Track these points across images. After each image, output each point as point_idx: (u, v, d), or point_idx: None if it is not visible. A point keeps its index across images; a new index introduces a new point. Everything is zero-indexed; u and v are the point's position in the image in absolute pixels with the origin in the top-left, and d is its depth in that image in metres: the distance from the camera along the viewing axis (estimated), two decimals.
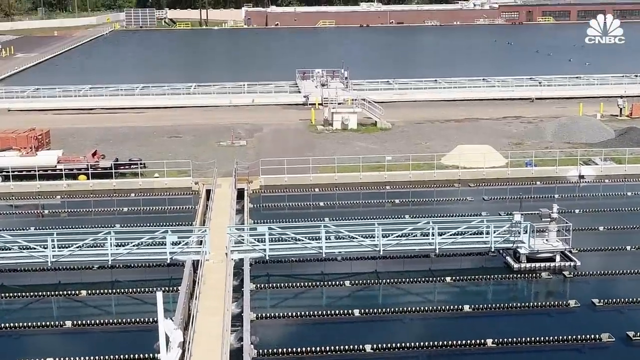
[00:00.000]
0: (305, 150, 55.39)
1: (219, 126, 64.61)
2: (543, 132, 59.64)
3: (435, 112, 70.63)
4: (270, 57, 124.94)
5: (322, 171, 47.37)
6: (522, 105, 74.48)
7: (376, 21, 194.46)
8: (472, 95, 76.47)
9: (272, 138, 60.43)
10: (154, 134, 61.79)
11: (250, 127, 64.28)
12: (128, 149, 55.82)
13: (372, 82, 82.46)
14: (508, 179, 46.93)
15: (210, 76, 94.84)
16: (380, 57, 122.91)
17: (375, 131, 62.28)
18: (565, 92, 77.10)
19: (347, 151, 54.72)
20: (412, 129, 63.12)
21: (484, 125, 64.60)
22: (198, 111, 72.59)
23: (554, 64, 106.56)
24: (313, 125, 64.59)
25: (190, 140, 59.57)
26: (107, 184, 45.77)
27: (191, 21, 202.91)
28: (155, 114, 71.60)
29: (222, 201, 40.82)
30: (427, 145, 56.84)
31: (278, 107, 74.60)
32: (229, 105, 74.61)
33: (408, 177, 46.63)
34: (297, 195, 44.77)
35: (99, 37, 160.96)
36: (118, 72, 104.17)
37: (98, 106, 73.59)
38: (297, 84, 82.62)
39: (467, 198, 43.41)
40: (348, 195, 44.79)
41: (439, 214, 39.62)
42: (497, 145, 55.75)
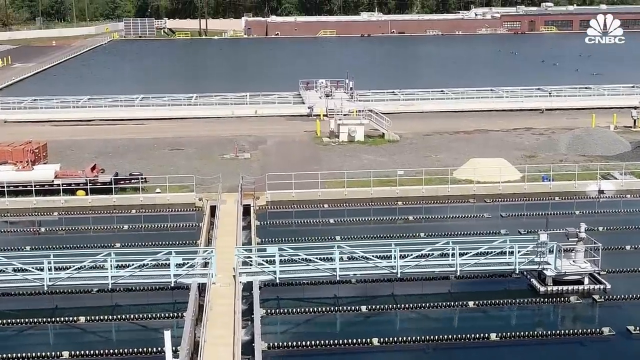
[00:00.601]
0: (312, 163, 53.55)
1: (221, 138, 62.73)
2: (557, 144, 57.78)
3: (444, 123, 68.79)
4: (272, 67, 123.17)
5: (331, 186, 45.46)
6: (532, 116, 72.65)
7: (377, 31, 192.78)
8: (480, 106, 74.66)
9: (277, 151, 58.56)
10: (154, 146, 59.91)
11: (254, 139, 62.41)
12: (128, 162, 53.94)
13: (378, 92, 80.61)
14: (525, 194, 45.00)
15: (211, 86, 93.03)
16: (382, 67, 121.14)
17: (383, 143, 60.42)
18: (576, 102, 75.29)
19: (355, 164, 52.90)
20: (420, 141, 61.27)
21: (495, 137, 62.76)
22: (200, 122, 70.73)
23: (561, 74, 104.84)
24: (318, 137, 62.73)
25: (193, 152, 57.68)
26: (107, 199, 43.80)
27: (190, 31, 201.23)
28: (155, 125, 69.71)
29: (228, 218, 38.89)
30: (437, 158, 54.99)
31: (282, 118, 72.78)
32: (231, 117, 72.75)
33: (421, 192, 44.72)
34: (306, 211, 42.83)
35: (97, 47, 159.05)
36: (117, 82, 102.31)
37: (97, 117, 71.72)
38: (301, 95, 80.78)
39: (483, 214, 41.44)
40: (359, 212, 42.86)
41: (455, 232, 37.77)
42: (509, 158, 53.92)
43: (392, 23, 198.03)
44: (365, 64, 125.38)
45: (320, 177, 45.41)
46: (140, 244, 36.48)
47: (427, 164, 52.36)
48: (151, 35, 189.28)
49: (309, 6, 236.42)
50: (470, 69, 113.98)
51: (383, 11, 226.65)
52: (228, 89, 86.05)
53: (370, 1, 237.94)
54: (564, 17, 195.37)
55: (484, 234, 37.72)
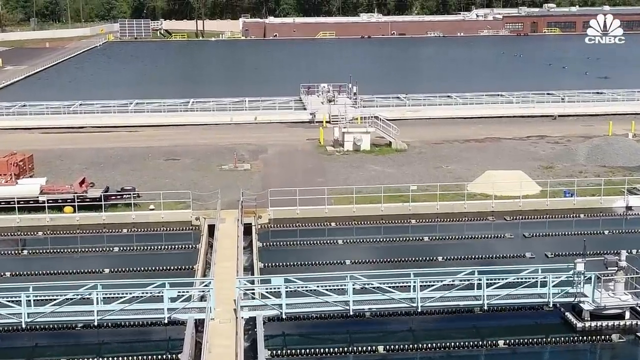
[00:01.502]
0: (316, 175, 50.36)
1: (219, 147, 59.49)
2: (575, 154, 54.60)
3: (453, 130, 65.61)
4: (271, 69, 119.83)
5: (338, 202, 42.20)
6: (544, 123, 69.48)
7: (377, 32, 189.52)
8: (490, 112, 71.49)
9: (279, 161, 55.31)
10: (149, 156, 56.62)
11: (254, 148, 59.16)
12: (120, 174, 50.69)
13: (382, 97, 77.31)
14: (547, 211, 41.77)
15: (208, 91, 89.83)
16: (384, 69, 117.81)
17: (390, 153, 57.21)
18: (590, 108, 72.10)
19: (362, 176, 49.71)
20: (429, 150, 58.05)
21: (507, 146, 59.57)
22: (197, 129, 67.47)
23: (570, 78, 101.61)
24: (322, 146, 59.51)
25: (189, 163, 54.40)
26: (96, 217, 40.47)
27: (187, 32, 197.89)
28: (150, 132, 66.44)
29: (227, 240, 35.66)
30: (448, 169, 51.79)
31: (283, 125, 69.53)
32: (229, 123, 69.48)
33: (435, 208, 41.48)
34: (312, 230, 39.57)
35: (92, 48, 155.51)
36: (111, 86, 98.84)
37: (89, 124, 68.41)
38: (302, 100, 77.49)
39: (504, 234, 38.13)
40: (369, 231, 39.60)
41: (476, 255, 34.67)
42: (525, 169, 50.76)
43: (393, 24, 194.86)
44: (367, 66, 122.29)
45: (327, 192, 42.17)
46: (131, 270, 33.35)
47: (439, 176, 49.32)
48: (147, 37, 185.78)
49: (308, 7, 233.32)
50: (474, 72, 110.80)
51: (382, 12, 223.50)
52: (226, 93, 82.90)
53: (369, 2, 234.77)
54: (566, 18, 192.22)
55: (507, 257, 34.76)
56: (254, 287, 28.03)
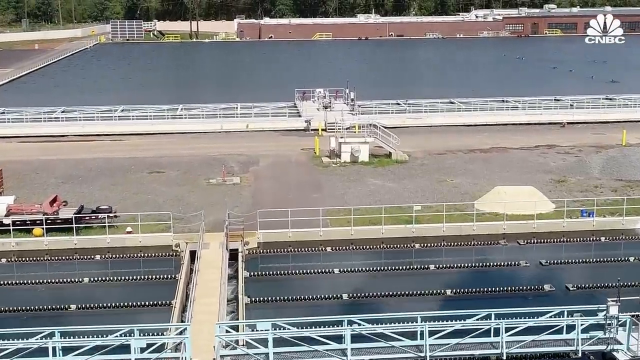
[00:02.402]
0: (311, 190, 46.66)
1: (208, 158, 55.73)
2: (588, 167, 50.93)
3: (456, 139, 61.90)
4: (265, 73, 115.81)
5: (335, 224, 38.39)
6: (552, 131, 65.80)
7: (375, 33, 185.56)
8: (494, 119, 67.76)
9: (271, 174, 51.53)
10: (132, 168, 52.83)
11: (245, 159, 55.39)
12: (99, 189, 46.94)
13: (381, 103, 73.52)
14: (564, 233, 38.02)
15: (199, 95, 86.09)
16: (382, 72, 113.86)
17: (390, 164, 53.47)
18: (600, 115, 68.34)
19: (361, 192, 46.00)
20: (432, 162, 54.33)
21: (515, 156, 55.86)
22: (185, 138, 63.67)
23: (576, 82, 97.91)
24: (317, 157, 55.76)
25: (174, 176, 50.62)
26: (67, 241, 36.59)
27: (181, 33, 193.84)
28: (135, 142, 62.61)
29: (210, 270, 31.93)
30: (453, 183, 48.09)
31: (276, 133, 65.74)
32: (219, 131, 65.67)
33: (441, 231, 37.71)
34: (305, 255, 35.80)
35: (81, 50, 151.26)
36: (98, 90, 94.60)
37: (71, 133, 64.56)
38: (297, 106, 73.66)
39: (519, 262, 34.31)
40: (368, 257, 35.88)
41: (487, 288, 30.87)
42: (536, 182, 47.31)
43: (390, 25, 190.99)
44: (364, 69, 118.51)
45: (322, 213, 38.38)
46: (101, 306, 29.58)
47: (443, 192, 45.71)
48: (139, 38, 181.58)
49: (304, 8, 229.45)
50: (476, 76, 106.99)
51: (380, 13, 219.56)
52: (217, 98, 79.21)
53: (366, 3, 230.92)
54: (568, 19, 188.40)
55: (524, 290, 31.00)
56: (236, 335, 24.21)
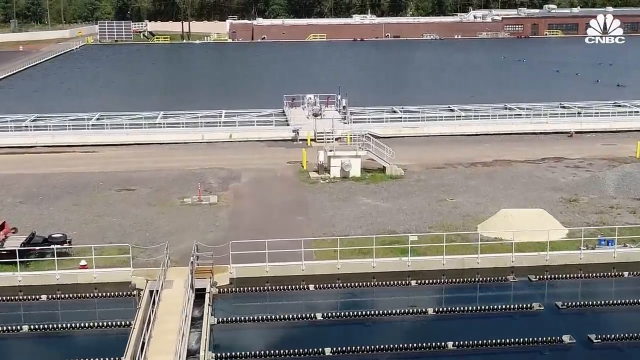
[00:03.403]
0: (295, 212, 42.02)
1: (185, 172, 51.00)
2: (602, 184, 46.34)
3: (456, 151, 57.23)
4: (255, 76, 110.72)
5: (320, 256, 33.63)
6: (559, 141, 61.17)
7: (371, 34, 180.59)
8: (496, 128, 63.05)
9: (252, 191, 46.76)
10: (100, 185, 48.02)
11: (226, 174, 50.63)
12: (60, 211, 42.22)
13: (375, 110, 68.71)
14: (581, 266, 33.32)
15: (184, 101, 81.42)
16: (378, 76, 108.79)
17: (384, 180, 48.75)
18: (610, 124, 63.66)
19: (350, 214, 41.32)
20: (430, 177, 49.60)
21: (520, 171, 51.14)
22: (163, 150, 58.88)
23: (582, 86, 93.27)
24: (305, 172, 50.99)
25: (146, 195, 45.84)
26: (10, 278, 31.78)
27: (173, 34, 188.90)
28: (108, 154, 57.81)
29: (170, 315, 27.19)
30: (454, 203, 43.42)
31: (261, 143, 60.97)
32: (201, 142, 60.87)
33: (440, 264, 32.97)
34: (285, 295, 31.11)
35: (67, 52, 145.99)
36: (78, 96, 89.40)
37: (40, 143, 59.72)
38: (285, 113, 68.85)
39: (532, 305, 29.53)
40: (357, 294, 31.23)
41: (495, 340, 26.14)
42: (545, 202, 42.94)
43: (387, 26, 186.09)
44: (359, 72, 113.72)
45: (308, 240, 33.71)
46: None
47: (443, 213, 41.10)
48: (128, 39, 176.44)
49: (298, 8, 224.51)
50: (475, 80, 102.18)
51: (376, 13, 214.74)
52: (202, 104, 74.56)
53: (362, 3, 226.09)
54: (568, 20, 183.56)
55: (540, 343, 26.31)
56: None
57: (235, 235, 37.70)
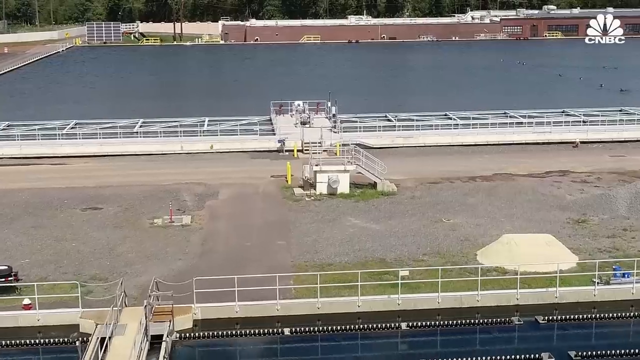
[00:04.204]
0: (276, 235, 38.06)
1: (159, 188, 46.92)
2: (613, 202, 42.28)
3: (453, 163, 53.22)
4: (244, 80, 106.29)
5: (299, 294, 29.53)
6: (563, 152, 57.24)
7: (366, 36, 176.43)
8: (497, 138, 59.00)
9: (230, 211, 42.67)
10: (64, 203, 43.91)
11: (203, 191, 46.56)
12: (15, 233, 38.32)
13: (367, 117, 64.58)
14: (595, 303, 29.29)
15: (167, 106, 77.46)
16: (371, 80, 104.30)
17: (374, 197, 44.73)
18: (618, 133, 59.67)
19: (336, 237, 37.37)
20: (425, 194, 45.57)
21: (523, 186, 47.11)
22: (138, 162, 54.80)
23: (584, 91, 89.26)
24: (289, 187, 46.90)
25: (113, 214, 41.75)
26: None
27: (164, 35, 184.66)
28: (79, 166, 53.73)
29: None
30: (450, 224, 39.48)
31: (245, 155, 56.90)
32: (180, 153, 56.79)
33: (435, 302, 28.90)
34: (257, 339, 27.01)
35: (52, 54, 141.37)
36: (56, 102, 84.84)
37: (6, 155, 55.64)
38: (272, 121, 64.74)
39: (540, 355, 25.43)
40: (340, 337, 27.16)
41: None
42: (551, 222, 39.33)
43: (382, 28, 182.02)
44: (352, 76, 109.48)
45: (285, 274, 29.68)
46: None
47: (438, 237, 37.21)
48: (117, 41, 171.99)
49: (293, 9, 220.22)
50: (474, 84, 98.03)
51: (372, 14, 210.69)
52: (186, 111, 70.65)
53: (358, 4, 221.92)
54: (568, 21, 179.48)
55: None
56: None
57: (206, 264, 33.86)
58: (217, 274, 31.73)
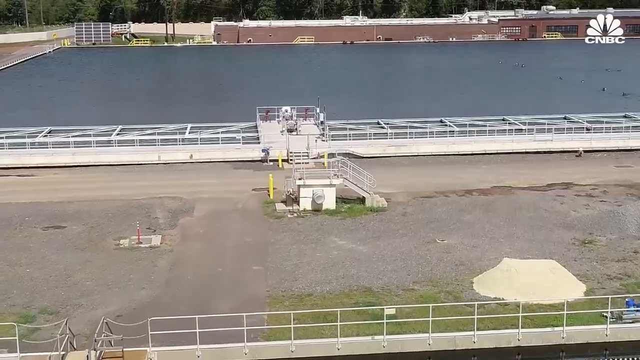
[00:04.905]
0: (253, 258, 34.72)
1: (131, 203, 43.44)
2: (621, 220, 39.08)
3: (448, 174, 49.72)
4: (234, 83, 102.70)
5: (271, 334, 26.02)
6: (566, 161, 53.85)
7: (361, 37, 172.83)
8: (495, 147, 55.51)
9: (205, 229, 39.18)
10: (25, 220, 40.41)
11: (177, 206, 43.05)
12: None
13: (358, 124, 60.98)
14: (607, 344, 25.81)
15: (150, 112, 73.95)
16: (365, 83, 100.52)
17: (362, 213, 41.30)
18: (624, 141, 56.25)
19: (319, 262, 34.05)
20: (417, 210, 42.13)
21: (523, 201, 43.66)
22: (112, 173, 51.22)
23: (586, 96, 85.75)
24: (271, 203, 43.38)
25: (76, 234, 38.27)
26: None
27: (157, 36, 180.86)
28: (47, 178, 50.12)
29: None
30: (444, 245, 36.15)
31: (226, 165, 53.42)
32: (157, 163, 53.26)
33: (426, 344, 25.40)
34: None
35: (39, 56, 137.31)
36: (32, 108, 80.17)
37: None
38: (257, 127, 61.18)
39: None
40: None
41: None
42: (554, 243, 36.19)
43: (378, 28, 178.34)
44: (345, 78, 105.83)
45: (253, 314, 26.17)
46: None
47: (432, 261, 34.03)
48: (107, 42, 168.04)
49: (288, 9, 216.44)
50: (470, 88, 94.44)
51: (368, 14, 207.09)
52: (169, 116, 67.07)
53: (354, 4, 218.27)
54: (568, 21, 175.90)
55: None
56: None
57: (171, 295, 30.49)
58: (181, 307, 28.56)
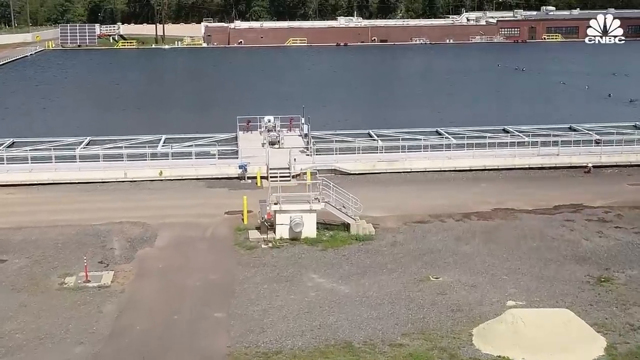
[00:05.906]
0: (216, 301, 30.04)
1: (86, 230, 38.54)
2: None
3: (445, 194, 44.82)
4: (218, 89, 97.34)
5: None
6: (574, 179, 48.99)
7: (356, 39, 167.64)
8: (496, 162, 50.57)
9: (165, 264, 34.22)
10: None
11: (138, 234, 38.15)
12: None
13: (346, 135, 55.89)
14: None
15: (124, 121, 68.85)
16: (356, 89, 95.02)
17: (346, 243, 36.46)
18: (637, 155, 51.38)
19: (293, 305, 29.41)
20: (409, 238, 37.28)
21: (528, 228, 38.81)
22: (72, 192, 46.16)
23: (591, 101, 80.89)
24: (244, 230, 38.41)
25: (16, 270, 33.38)
26: None
27: (147, 38, 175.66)
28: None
29: None
30: (439, 284, 31.45)
31: (200, 182, 48.39)
32: (123, 181, 48.24)
33: None
34: None
35: (19, 59, 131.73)
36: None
37: None
38: (236, 139, 56.11)
39: None
40: None
41: None
42: (566, 282, 31.33)
43: (373, 30, 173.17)
44: (336, 83, 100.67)
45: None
46: None
47: (424, 305, 29.38)
48: (92, 44, 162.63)
49: (282, 10, 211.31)
50: (468, 92, 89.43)
51: (363, 15, 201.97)
52: (145, 127, 61.91)
53: (349, 4, 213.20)
54: (568, 22, 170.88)
55: None
56: None
57: (115, 350, 25.61)
58: None
